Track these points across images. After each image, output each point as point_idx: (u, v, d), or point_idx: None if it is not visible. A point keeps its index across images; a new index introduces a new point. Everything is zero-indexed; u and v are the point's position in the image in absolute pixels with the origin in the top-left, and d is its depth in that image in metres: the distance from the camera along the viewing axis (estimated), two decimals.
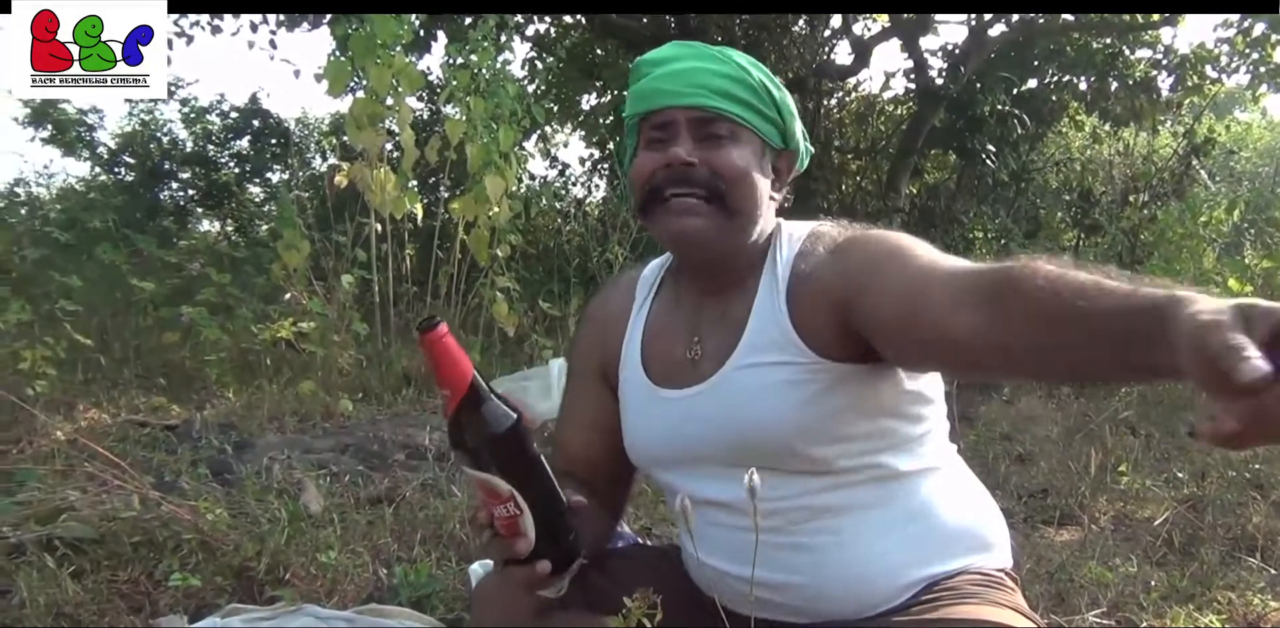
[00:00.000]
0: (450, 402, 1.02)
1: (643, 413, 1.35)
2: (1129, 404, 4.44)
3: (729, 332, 1.28)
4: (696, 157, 1.23)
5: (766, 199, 1.29)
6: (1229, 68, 8.24)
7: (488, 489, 1.04)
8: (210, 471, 2.94)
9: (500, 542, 1.07)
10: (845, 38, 8.70)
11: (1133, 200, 7.26)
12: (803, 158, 1.36)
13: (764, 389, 1.21)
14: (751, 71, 1.26)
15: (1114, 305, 0.85)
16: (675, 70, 1.26)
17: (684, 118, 1.24)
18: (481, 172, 4.16)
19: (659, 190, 1.24)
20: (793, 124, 1.30)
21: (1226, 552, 2.76)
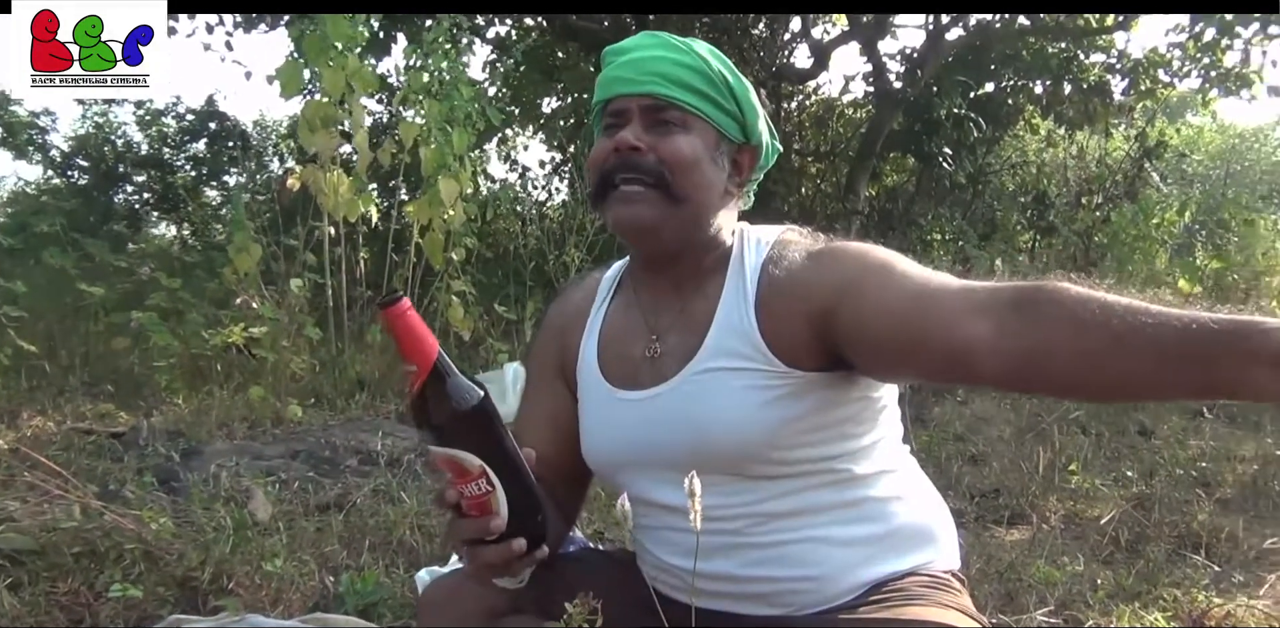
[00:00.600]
0: (415, 378, 0.99)
1: (600, 415, 1.33)
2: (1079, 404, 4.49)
3: (689, 332, 1.27)
4: (645, 142, 1.22)
5: (720, 191, 1.27)
6: (1180, 72, 8.38)
7: (455, 467, 1.01)
8: (156, 479, 2.89)
9: (471, 522, 1.05)
10: (804, 41, 8.76)
11: (1086, 203, 7.36)
12: (768, 154, 1.34)
13: (725, 394, 1.21)
14: (711, 62, 1.26)
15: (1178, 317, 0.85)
16: (634, 59, 1.26)
17: (636, 105, 1.24)
18: (436, 175, 4.13)
19: (609, 177, 1.24)
20: (754, 118, 1.29)
21: (1172, 550, 2.80)
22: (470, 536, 1.06)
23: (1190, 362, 0.83)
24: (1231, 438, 4.12)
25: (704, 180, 1.25)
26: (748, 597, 1.27)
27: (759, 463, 1.21)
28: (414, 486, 3.00)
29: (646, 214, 1.23)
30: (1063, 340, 0.92)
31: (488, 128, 5.17)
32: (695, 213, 1.25)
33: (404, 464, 3.19)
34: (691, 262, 1.30)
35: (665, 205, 1.23)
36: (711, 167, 1.25)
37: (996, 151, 8.77)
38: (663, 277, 1.32)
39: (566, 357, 1.39)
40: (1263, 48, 7.50)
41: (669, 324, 1.30)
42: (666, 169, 1.22)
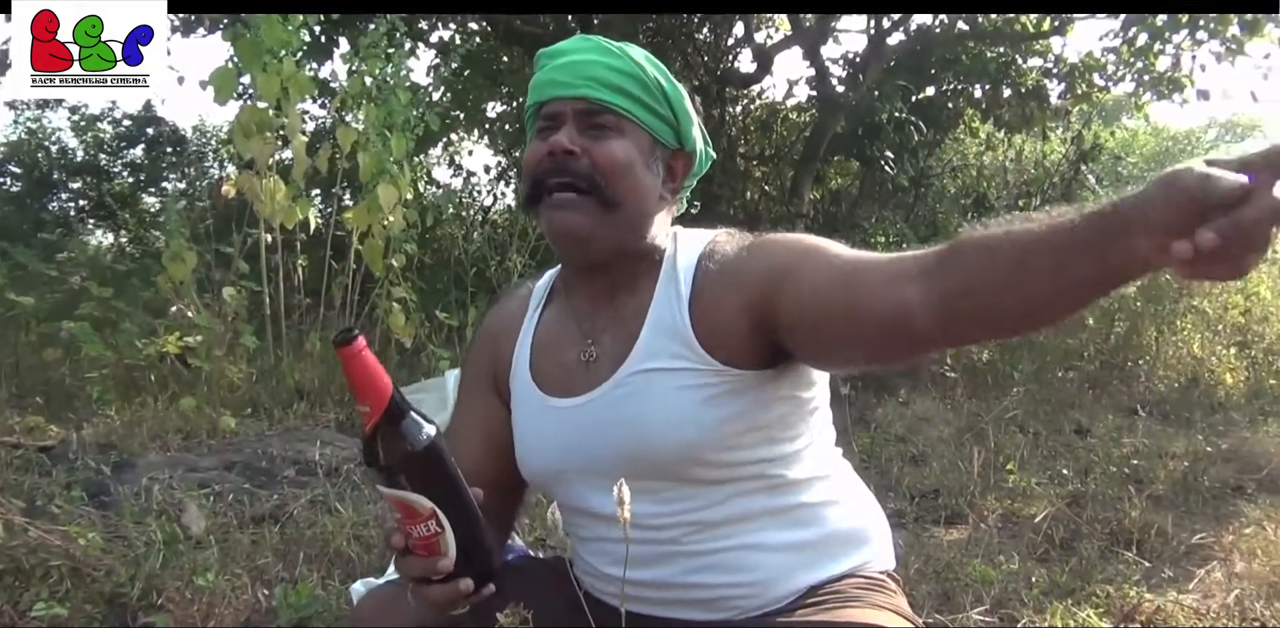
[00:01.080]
0: (369, 418, 0.99)
1: (533, 424, 1.32)
2: (1018, 403, 4.56)
3: (622, 335, 1.26)
4: (579, 145, 1.22)
5: (654, 197, 1.28)
6: (1115, 76, 8.54)
7: (406, 508, 1.01)
8: (86, 493, 2.83)
9: (420, 562, 1.05)
10: (748, 46, 8.79)
11: (1025, 205, 7.47)
12: (701, 161, 1.35)
13: (660, 395, 1.20)
14: (646, 68, 1.26)
15: (1073, 216, 0.86)
16: (568, 62, 1.26)
17: (570, 109, 1.24)
18: (374, 180, 4.09)
19: (542, 182, 1.24)
20: (688, 124, 1.29)
21: (1105, 546, 2.86)
22: (417, 575, 1.07)
23: (1084, 254, 0.84)
24: (1163, 435, 4.21)
25: (638, 185, 1.25)
26: (686, 603, 1.27)
27: (695, 466, 1.21)
28: (352, 496, 2.97)
29: (580, 222, 1.22)
30: (977, 275, 0.94)
31: (428, 133, 5.13)
32: (629, 219, 1.25)
33: (343, 474, 3.16)
34: (625, 267, 1.29)
35: (599, 212, 1.22)
36: (645, 171, 1.25)
37: (938, 155, 8.87)
38: (596, 282, 1.31)
39: (499, 366, 1.39)
40: (1192, 52, 7.67)
41: (603, 328, 1.30)
42: (599, 173, 1.22)
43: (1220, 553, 2.85)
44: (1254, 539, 2.92)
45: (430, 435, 1.01)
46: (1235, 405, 4.97)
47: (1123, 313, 5.75)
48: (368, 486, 3.09)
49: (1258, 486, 3.53)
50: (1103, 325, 5.72)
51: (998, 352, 5.21)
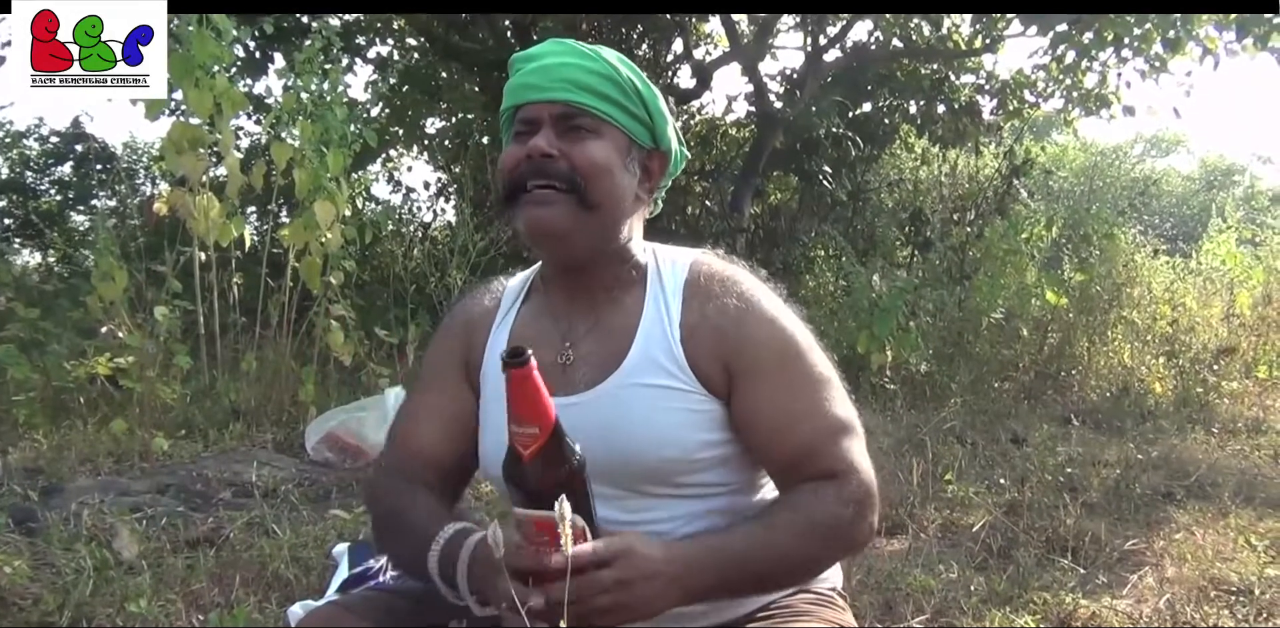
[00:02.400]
0: (534, 440, 0.99)
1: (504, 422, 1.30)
2: (956, 413, 4.63)
3: (607, 343, 1.27)
4: (557, 148, 1.22)
5: (631, 197, 1.28)
6: (1045, 93, 8.77)
7: (554, 530, 0.98)
8: (12, 519, 2.74)
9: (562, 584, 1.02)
10: (687, 62, 8.88)
11: (959, 218, 7.61)
12: (677, 161, 1.36)
13: (650, 410, 1.22)
14: (620, 69, 1.26)
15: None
16: (544, 65, 1.26)
17: (548, 112, 1.24)
18: (310, 197, 4.05)
19: (520, 182, 1.24)
20: (663, 124, 1.30)
21: (1042, 554, 2.91)
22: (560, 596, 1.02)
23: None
24: (1096, 444, 4.30)
25: (616, 187, 1.26)
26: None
27: (666, 483, 1.24)
28: (290, 517, 2.92)
29: (559, 220, 1.23)
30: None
31: (366, 149, 5.09)
32: (607, 220, 1.26)
33: (280, 495, 3.10)
34: (603, 270, 1.30)
35: (578, 211, 1.23)
36: (623, 173, 1.26)
37: (875, 169, 9.03)
38: (574, 284, 1.32)
39: (471, 356, 1.38)
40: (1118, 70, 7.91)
41: (583, 333, 1.30)
42: (579, 175, 1.22)
43: (1152, 558, 2.91)
44: (1184, 544, 2.99)
45: (581, 453, 1.03)
46: (1164, 414, 5.10)
47: (1055, 324, 5.87)
48: (306, 506, 3.04)
49: (1186, 492, 3.61)
50: (1036, 336, 5.85)
51: (935, 363, 5.29)
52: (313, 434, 3.63)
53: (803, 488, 1.21)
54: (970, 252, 6.99)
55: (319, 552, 2.66)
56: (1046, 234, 6.75)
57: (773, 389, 1.23)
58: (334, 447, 3.56)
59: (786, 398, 1.24)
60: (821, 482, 1.20)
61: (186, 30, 3.90)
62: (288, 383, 4.04)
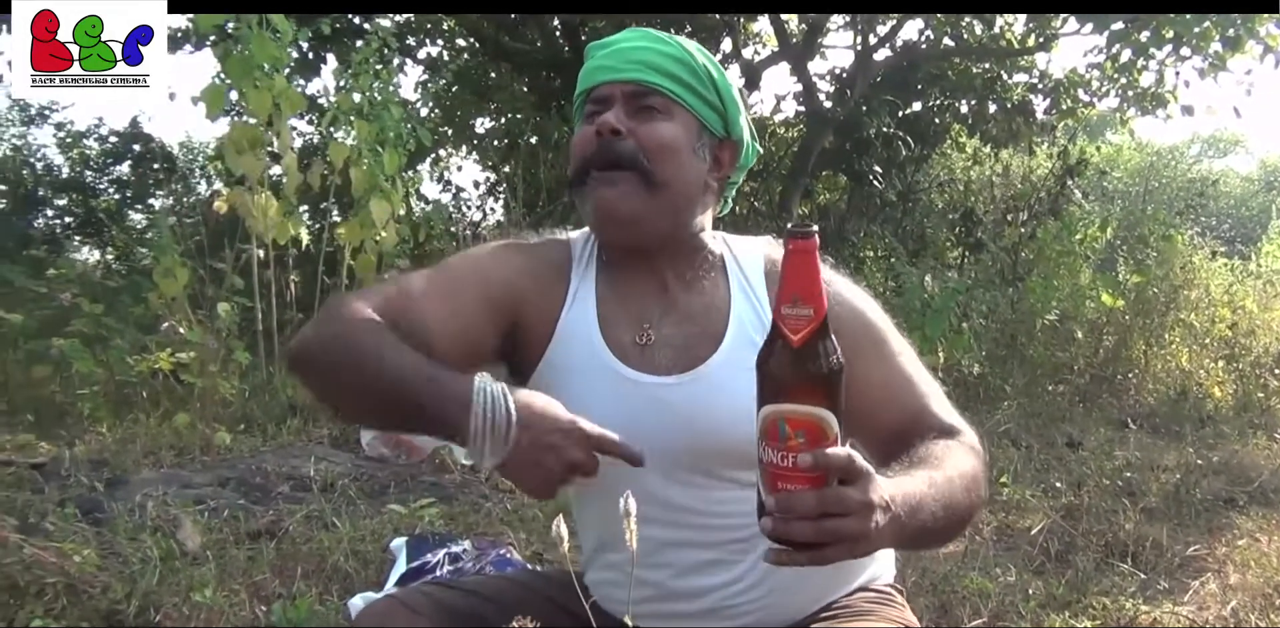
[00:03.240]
0: (806, 323, 0.90)
1: (601, 388, 1.26)
2: (1010, 416, 4.58)
3: (690, 327, 1.26)
4: (626, 126, 1.22)
5: (700, 183, 1.27)
6: (1099, 92, 8.63)
7: (814, 430, 0.91)
8: (80, 510, 2.80)
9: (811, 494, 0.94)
10: (735, 61, 8.85)
11: (1012, 219, 7.52)
12: (749, 153, 1.34)
13: (741, 392, 1.16)
14: (696, 56, 1.26)
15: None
16: (619, 48, 1.27)
17: (619, 91, 1.24)
18: (366, 196, 4.10)
19: (589, 163, 1.24)
20: (736, 113, 1.29)
21: (1100, 559, 2.87)
22: (808, 509, 0.93)
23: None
24: (1155, 448, 4.23)
25: (683, 168, 1.25)
26: (703, 614, 1.27)
27: (751, 467, 1.22)
28: (347, 511, 2.95)
29: (625, 200, 1.22)
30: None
31: (419, 148, 5.14)
32: (675, 201, 1.25)
33: (337, 489, 3.14)
34: (673, 257, 1.30)
35: (643, 191, 1.22)
36: (692, 156, 1.26)
37: (925, 169, 8.95)
38: (642, 267, 1.30)
39: (537, 306, 1.30)
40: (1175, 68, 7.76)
41: (660, 315, 1.28)
42: (645, 154, 1.22)
43: (1214, 565, 2.87)
44: (1247, 551, 2.94)
45: (842, 353, 0.93)
46: (1224, 418, 5.01)
47: (1111, 326, 5.79)
48: (362, 500, 3.08)
49: (1249, 498, 3.55)
50: (1091, 339, 5.76)
51: (988, 365, 5.24)
52: (368, 430, 3.67)
53: (933, 442, 1.16)
54: (1023, 253, 6.90)
55: (376, 546, 2.69)
56: (1101, 235, 6.65)
57: (870, 362, 1.22)
58: (388, 443, 3.60)
59: (885, 368, 1.24)
60: (943, 438, 1.18)
61: (246, 31, 3.97)
62: None
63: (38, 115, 9.96)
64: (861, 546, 0.95)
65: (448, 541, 2.56)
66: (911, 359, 1.28)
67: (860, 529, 0.93)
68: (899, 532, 0.99)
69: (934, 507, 1.04)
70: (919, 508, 1.02)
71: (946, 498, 1.06)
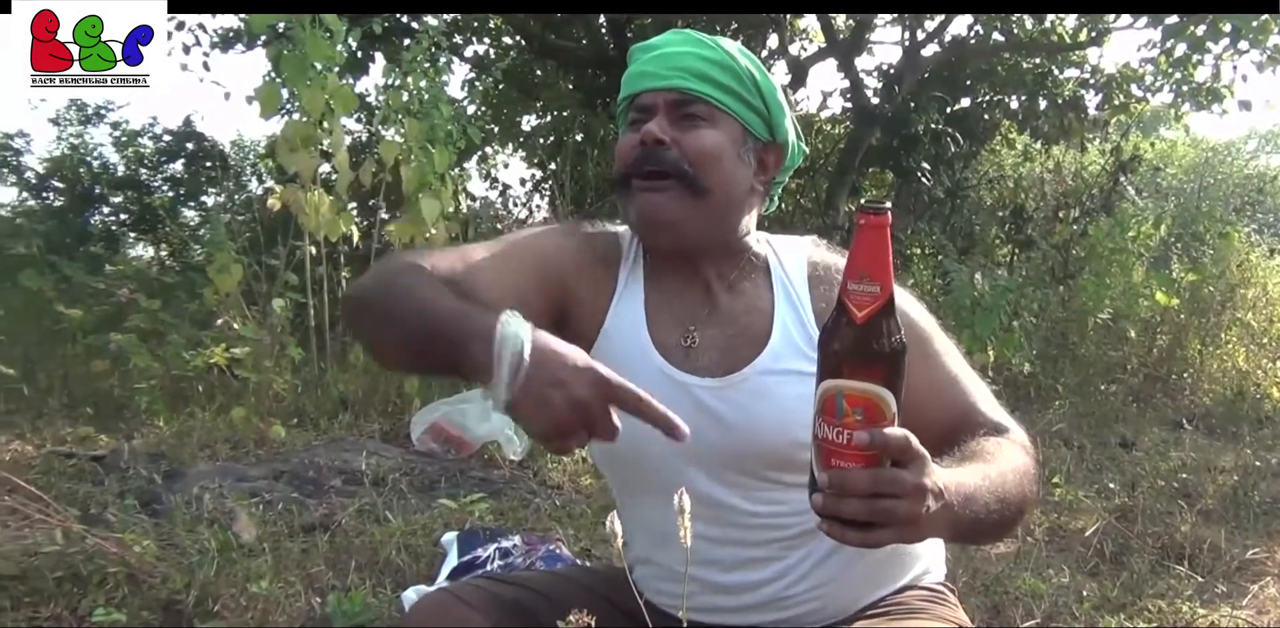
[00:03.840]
0: (872, 300, 0.90)
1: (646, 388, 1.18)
2: (1062, 416, 4.52)
3: (733, 330, 1.27)
4: (669, 135, 1.23)
5: (745, 187, 1.28)
6: (1153, 87, 8.47)
7: (872, 409, 0.91)
8: (139, 502, 2.87)
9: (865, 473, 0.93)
10: (782, 58, 8.81)
11: (1063, 216, 7.40)
12: (794, 155, 1.34)
13: (794, 396, 1.20)
14: (739, 59, 1.26)
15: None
16: (661, 54, 1.27)
17: (663, 100, 1.25)
18: (417, 193, 4.13)
19: (633, 170, 1.25)
20: (780, 116, 1.29)
21: (1156, 561, 2.83)
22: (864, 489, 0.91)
23: None
24: (1211, 449, 4.16)
25: (727, 174, 1.25)
26: (755, 609, 1.28)
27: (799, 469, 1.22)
28: (399, 505, 2.99)
29: (669, 207, 1.23)
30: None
31: (468, 146, 5.17)
32: (719, 207, 1.25)
33: (388, 483, 3.18)
34: (718, 259, 1.30)
35: (687, 197, 1.23)
36: (736, 162, 1.26)
37: (974, 166, 8.83)
38: (685, 269, 1.31)
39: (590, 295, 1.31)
40: (1233, 62, 7.60)
41: (703, 318, 1.29)
42: (689, 163, 1.22)
43: (1274, 569, 2.82)
44: None
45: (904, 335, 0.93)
46: None
47: (1166, 325, 5.69)
48: (413, 495, 3.11)
49: None
50: (1145, 338, 5.67)
51: (1039, 364, 5.17)
52: (417, 425, 3.66)
53: (984, 439, 1.16)
54: (1074, 250, 6.80)
55: (428, 540, 2.72)
56: (1155, 233, 6.54)
57: (915, 362, 1.18)
58: (438, 438, 3.59)
59: (930, 368, 1.23)
60: (992, 435, 1.18)
61: (299, 31, 4.02)
62: (393, 375, 4.13)
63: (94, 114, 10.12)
64: (912, 530, 0.94)
65: (498, 535, 2.58)
66: (957, 359, 1.27)
67: (912, 512, 0.92)
68: (951, 521, 0.98)
69: (987, 499, 1.03)
70: (972, 498, 1.01)
71: (999, 492, 1.06)
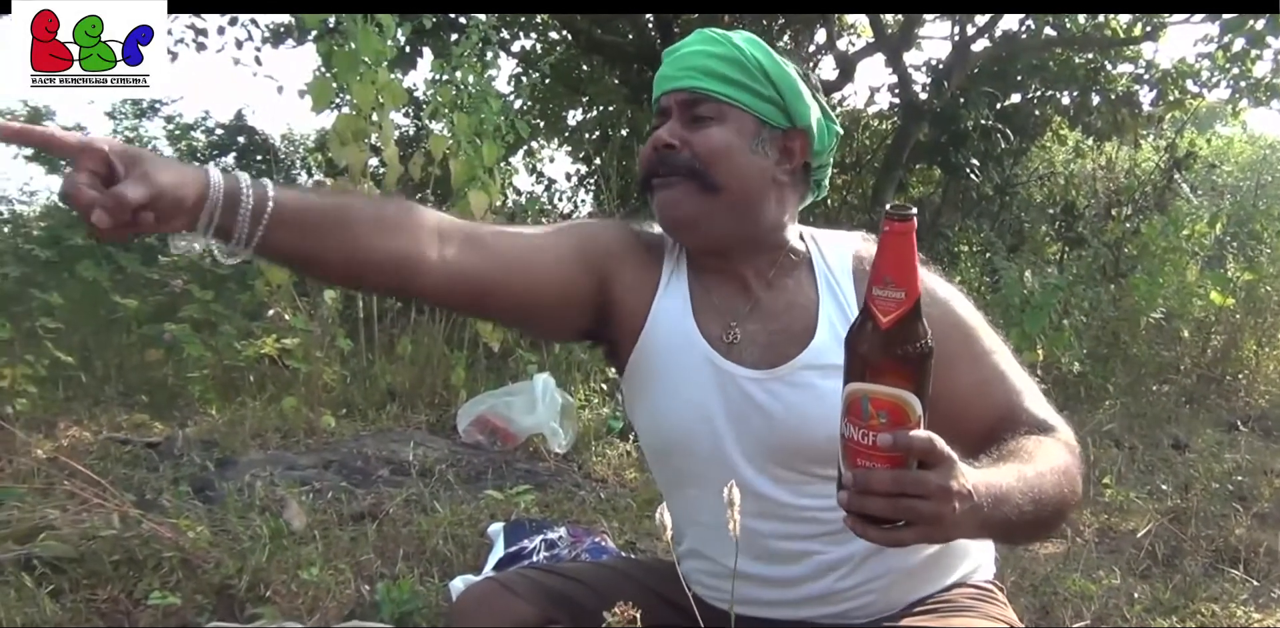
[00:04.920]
0: (898, 306, 0.90)
1: (695, 376, 1.28)
2: (1112, 416, 4.45)
3: (775, 325, 1.28)
4: (679, 138, 1.24)
5: (765, 179, 1.27)
6: (1210, 82, 8.31)
7: (896, 412, 0.91)
8: (192, 488, 2.92)
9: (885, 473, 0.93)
10: (830, 53, 8.75)
11: (1115, 214, 7.29)
12: (824, 137, 1.33)
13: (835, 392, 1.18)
14: (745, 50, 1.26)
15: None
16: (678, 55, 1.29)
17: (674, 101, 1.27)
18: (465, 187, 4.15)
19: (650, 175, 1.27)
20: (795, 101, 1.28)
21: (1209, 564, 2.78)
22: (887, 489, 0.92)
23: None
24: (1267, 452, 4.08)
25: (740, 169, 1.25)
26: (805, 603, 1.28)
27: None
28: (446, 495, 3.02)
29: (682, 203, 1.25)
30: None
31: (515, 140, 5.19)
32: (736, 202, 1.26)
33: (435, 474, 3.21)
34: (752, 255, 1.30)
35: (699, 194, 1.24)
36: (749, 156, 1.26)
37: (1024, 162, 8.72)
38: (721, 266, 1.32)
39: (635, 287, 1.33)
40: None
41: (745, 313, 1.30)
42: (699, 162, 1.24)
43: None
44: None
45: (932, 339, 0.93)
46: None
47: (1220, 325, 5.58)
48: (460, 485, 3.14)
49: None
50: (1199, 338, 5.57)
51: (1089, 363, 5.10)
52: (464, 417, 3.74)
53: (1025, 437, 1.15)
54: (1126, 248, 6.69)
55: (474, 530, 2.74)
56: (1210, 231, 6.41)
57: (961, 361, 1.21)
58: (484, 430, 3.66)
59: (976, 367, 1.23)
60: (1036, 433, 1.17)
61: (350, 26, 4.06)
62: (440, 367, 4.16)
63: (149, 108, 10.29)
64: (938, 530, 0.94)
65: (544, 527, 2.60)
66: (1004, 357, 1.26)
67: (937, 513, 0.92)
68: (981, 522, 0.97)
69: (1021, 500, 1.02)
70: (1003, 500, 1.00)
71: (1035, 492, 1.04)
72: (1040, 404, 1.23)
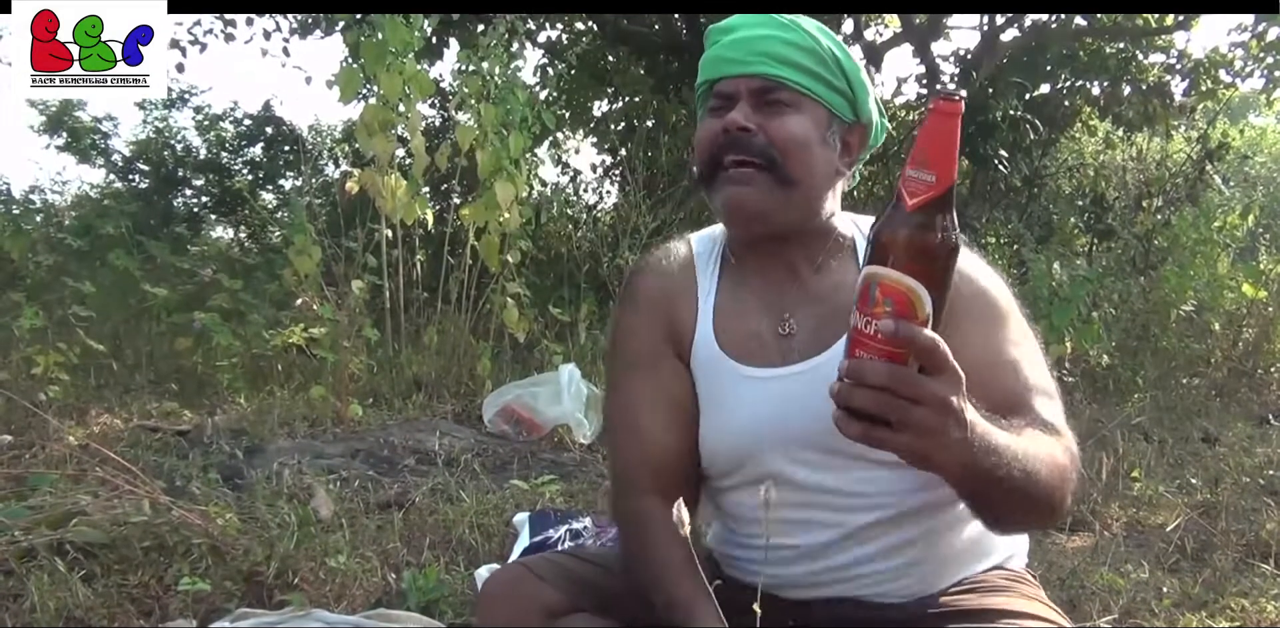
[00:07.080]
0: (928, 189, 0.86)
1: (728, 394, 1.29)
2: (1141, 410, 4.41)
3: (823, 312, 1.26)
4: (754, 122, 1.22)
5: (830, 172, 1.27)
6: (1243, 72, 8.20)
7: (904, 303, 0.87)
8: (221, 476, 2.95)
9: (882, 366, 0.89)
10: (857, 43, 8.68)
11: (1146, 205, 7.21)
12: (877, 134, 1.33)
13: None
14: (820, 39, 1.25)
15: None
16: (741, 38, 1.26)
17: (744, 86, 1.24)
18: (492, 178, 4.16)
19: (718, 158, 1.24)
20: (864, 96, 1.27)
21: (1240, 558, 2.75)
22: (881, 381, 0.88)
23: None
24: None
25: (815, 162, 1.24)
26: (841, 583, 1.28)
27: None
28: (472, 485, 3.03)
29: (756, 199, 1.22)
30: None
31: (542, 131, 5.20)
32: (806, 196, 1.25)
33: (461, 464, 3.22)
34: (805, 243, 1.29)
35: (776, 189, 1.22)
36: (822, 148, 1.25)
37: (1053, 154, 8.63)
38: (773, 256, 1.31)
39: (679, 330, 1.33)
40: None
41: (795, 303, 1.29)
42: (777, 151, 1.21)
43: None
44: None
45: (959, 238, 0.89)
46: None
47: (1252, 318, 5.51)
48: (485, 475, 3.15)
49: None
50: (1230, 331, 5.50)
51: (1119, 356, 5.05)
52: (490, 407, 3.75)
53: (1026, 427, 1.12)
54: (1157, 240, 6.62)
55: (499, 520, 2.75)
56: (1242, 223, 6.33)
57: (981, 341, 1.18)
58: (510, 420, 3.68)
59: (995, 350, 1.20)
60: (1036, 428, 1.13)
61: (378, 17, 4.07)
62: (466, 357, 4.19)
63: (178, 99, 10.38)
64: (924, 442, 0.89)
65: (569, 517, 2.61)
66: (1027, 351, 1.23)
67: (928, 425, 0.88)
68: (967, 461, 0.94)
69: (1010, 461, 0.99)
70: (994, 451, 0.97)
71: (1026, 465, 1.02)
72: (1052, 409, 1.19)
